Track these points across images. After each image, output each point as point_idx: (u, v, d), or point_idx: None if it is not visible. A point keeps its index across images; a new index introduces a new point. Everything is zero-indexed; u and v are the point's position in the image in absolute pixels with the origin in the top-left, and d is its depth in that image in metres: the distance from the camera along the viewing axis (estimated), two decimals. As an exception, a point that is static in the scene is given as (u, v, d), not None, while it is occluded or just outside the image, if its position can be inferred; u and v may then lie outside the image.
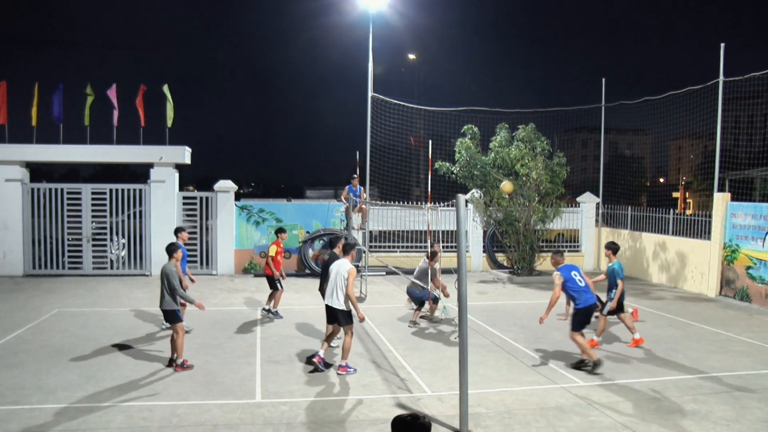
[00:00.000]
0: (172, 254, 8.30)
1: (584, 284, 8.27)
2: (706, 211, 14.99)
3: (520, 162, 15.84)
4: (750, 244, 13.29)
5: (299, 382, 7.66)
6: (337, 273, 7.93)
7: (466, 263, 6.50)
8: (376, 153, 17.99)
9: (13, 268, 15.96)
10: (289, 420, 6.41)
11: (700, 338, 10.18)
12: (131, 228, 16.41)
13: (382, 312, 11.95)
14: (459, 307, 6.40)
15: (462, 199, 6.22)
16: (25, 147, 16.22)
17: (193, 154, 17.52)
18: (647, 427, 6.34)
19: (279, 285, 11.33)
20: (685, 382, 7.78)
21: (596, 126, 20.03)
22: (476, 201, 16.95)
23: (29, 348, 9.01)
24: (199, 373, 7.90)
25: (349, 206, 15.35)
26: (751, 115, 21.96)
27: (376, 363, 8.53)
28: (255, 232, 16.87)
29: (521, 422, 6.43)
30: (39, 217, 16.11)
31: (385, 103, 17.76)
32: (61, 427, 6.13)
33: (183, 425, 6.23)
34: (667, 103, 16.44)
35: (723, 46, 14.04)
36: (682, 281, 15.40)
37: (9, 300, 12.74)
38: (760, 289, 12.97)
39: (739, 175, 16.02)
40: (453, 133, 17.58)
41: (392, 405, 6.89)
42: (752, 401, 7.11)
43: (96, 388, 7.26)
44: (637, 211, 17.62)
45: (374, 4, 16.90)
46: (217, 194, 16.72)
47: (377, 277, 16.26)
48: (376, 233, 18.01)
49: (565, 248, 19.29)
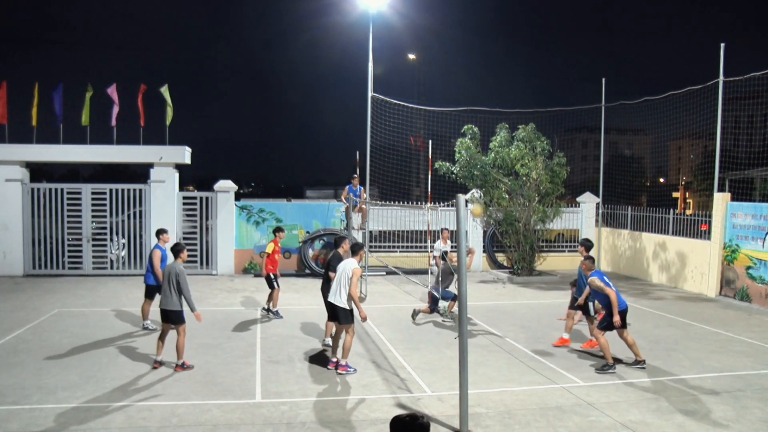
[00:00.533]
0: (178, 254, 8.24)
1: (615, 288, 8.45)
2: (706, 211, 14.99)
3: (520, 162, 15.84)
4: (750, 244, 13.29)
5: (299, 382, 7.65)
6: (343, 271, 7.97)
7: (466, 263, 6.50)
8: (376, 153, 18.00)
9: (13, 268, 15.95)
10: (289, 420, 6.40)
11: (700, 338, 10.18)
12: (131, 228, 16.41)
13: (382, 312, 11.95)
14: (459, 307, 6.40)
15: (462, 199, 6.22)
16: (25, 147, 16.22)
17: (193, 154, 17.52)
18: (647, 427, 6.34)
19: (275, 284, 11.34)
20: (685, 382, 7.78)
21: (596, 126, 20.02)
22: (476, 201, 16.95)
23: (29, 348, 9.01)
24: (199, 373, 7.90)
25: (349, 206, 15.35)
26: (751, 115, 21.96)
27: (376, 363, 8.53)
28: (255, 232, 16.87)
29: (521, 422, 6.43)
30: (39, 217, 16.11)
31: (385, 103, 17.77)
32: (61, 427, 6.12)
33: (183, 425, 6.23)
34: (667, 103, 16.45)
35: (723, 46, 14.05)
36: (682, 281, 15.40)
37: (9, 300, 12.74)
38: (760, 289, 12.97)
39: (739, 175, 16.03)
40: (453, 133, 17.59)
41: (392, 405, 6.89)
42: (752, 401, 7.11)
43: (96, 388, 7.26)
44: (637, 211, 17.62)
45: (374, 4, 16.90)
46: (217, 194, 16.72)
47: (377, 277, 16.26)
48: (376, 233, 18.01)
49: (564, 248, 19.32)
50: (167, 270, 8.11)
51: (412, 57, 37.24)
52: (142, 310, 10.40)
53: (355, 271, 7.88)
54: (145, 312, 10.32)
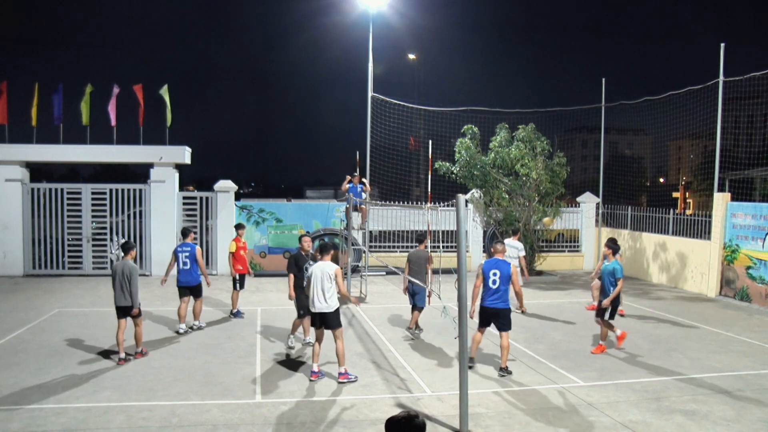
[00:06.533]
0: (128, 251, 8.60)
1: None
2: (706, 211, 14.99)
3: (520, 162, 15.83)
4: (750, 244, 13.29)
5: (299, 382, 7.65)
6: (322, 275, 7.60)
7: (466, 263, 6.50)
8: (376, 153, 18.00)
9: (13, 268, 15.95)
10: (289, 420, 6.40)
11: (700, 338, 10.18)
12: (131, 228, 16.41)
13: (382, 312, 11.95)
14: (459, 307, 6.40)
15: (462, 199, 6.21)
16: (25, 147, 16.22)
17: (193, 154, 17.52)
18: (647, 427, 6.34)
19: (236, 285, 11.33)
20: (685, 382, 7.78)
21: (596, 126, 20.02)
22: (476, 201, 16.96)
23: (29, 348, 9.01)
24: (199, 373, 7.90)
25: (349, 205, 15.33)
26: (751, 115, 21.92)
27: (376, 363, 8.53)
28: (255, 232, 16.86)
29: (521, 422, 6.43)
30: (39, 217, 16.11)
31: (385, 103, 17.77)
32: (61, 427, 6.12)
33: (183, 425, 6.23)
34: (667, 103, 16.45)
35: (723, 46, 14.05)
36: (682, 281, 15.40)
37: (9, 300, 12.75)
38: (760, 289, 12.97)
39: (739, 175, 16.02)
40: (453, 133, 17.59)
41: (392, 405, 6.88)
42: (752, 401, 7.11)
43: (96, 388, 7.26)
44: (637, 211, 17.62)
45: (374, 4, 16.90)
46: (217, 194, 16.71)
47: (377, 277, 16.26)
48: (376, 233, 18.01)
49: (564, 248, 19.32)
50: (119, 268, 8.36)
51: (412, 57, 37.19)
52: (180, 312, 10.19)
53: (337, 272, 7.59)
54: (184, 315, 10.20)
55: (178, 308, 10.17)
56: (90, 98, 16.64)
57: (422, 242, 10.13)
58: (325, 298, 7.60)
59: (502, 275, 7.96)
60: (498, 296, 7.99)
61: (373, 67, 17.39)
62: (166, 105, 16.73)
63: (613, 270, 9.04)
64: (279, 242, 16.88)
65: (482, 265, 8.21)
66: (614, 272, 9.01)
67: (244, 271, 11.41)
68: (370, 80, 17.33)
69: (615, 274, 9.01)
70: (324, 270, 7.63)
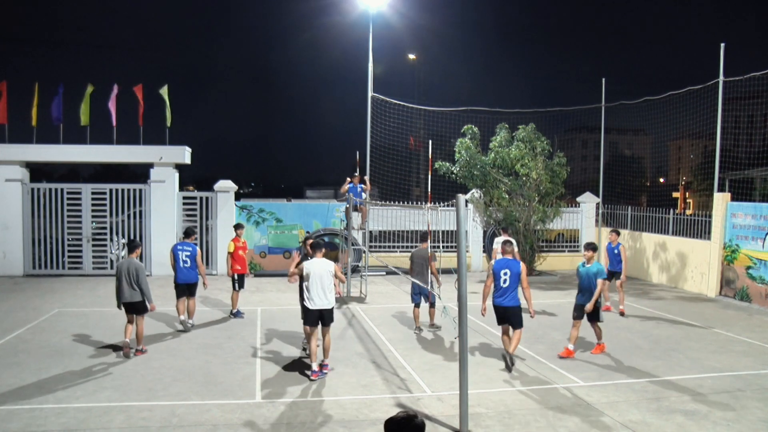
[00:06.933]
0: (134, 249, 8.83)
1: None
2: (706, 211, 14.99)
3: (520, 162, 15.84)
4: (750, 244, 13.29)
5: (299, 382, 7.65)
6: (323, 273, 7.80)
7: (466, 263, 6.50)
8: (376, 153, 18.00)
9: (13, 268, 15.96)
10: (289, 420, 6.40)
11: (700, 338, 10.18)
12: (131, 228, 16.42)
13: (382, 312, 11.95)
14: (459, 307, 6.39)
15: (462, 199, 6.21)
16: (25, 147, 16.22)
17: (193, 154, 17.52)
18: (647, 427, 6.34)
19: (236, 285, 11.34)
20: (685, 382, 7.78)
21: (596, 126, 20.03)
22: (476, 201, 16.95)
23: (29, 348, 9.01)
24: (199, 373, 7.90)
25: (350, 206, 15.33)
26: (751, 115, 21.93)
27: (376, 363, 8.53)
28: (255, 232, 16.86)
29: (521, 422, 6.43)
30: (39, 217, 16.11)
31: (385, 103, 17.77)
32: (61, 427, 6.12)
33: (183, 425, 6.23)
34: (667, 103, 16.45)
35: (723, 46, 14.04)
36: (682, 281, 15.40)
37: (9, 300, 12.75)
38: (760, 289, 12.97)
39: (739, 175, 16.02)
40: (453, 133, 17.59)
41: (392, 405, 6.88)
42: (752, 401, 7.11)
43: (96, 388, 7.26)
44: (637, 211, 17.62)
45: (374, 4, 16.90)
46: (217, 194, 16.72)
47: (377, 277, 16.26)
48: (376, 233, 18.01)
49: (564, 248, 19.32)
50: (125, 265, 8.46)
51: (412, 57, 37.20)
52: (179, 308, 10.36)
53: (336, 267, 7.98)
54: (183, 310, 10.35)
55: (177, 305, 10.30)
56: (90, 98, 16.65)
57: (425, 241, 10.46)
58: (326, 295, 7.86)
59: (512, 274, 8.16)
60: (509, 295, 8.18)
61: (373, 67, 17.40)
62: (166, 105, 16.75)
63: (597, 272, 8.83)
64: (279, 242, 16.88)
65: (493, 265, 8.44)
66: (599, 273, 8.81)
67: (243, 271, 11.42)
68: (370, 80, 17.34)
69: (600, 275, 8.81)
70: (324, 267, 7.84)
